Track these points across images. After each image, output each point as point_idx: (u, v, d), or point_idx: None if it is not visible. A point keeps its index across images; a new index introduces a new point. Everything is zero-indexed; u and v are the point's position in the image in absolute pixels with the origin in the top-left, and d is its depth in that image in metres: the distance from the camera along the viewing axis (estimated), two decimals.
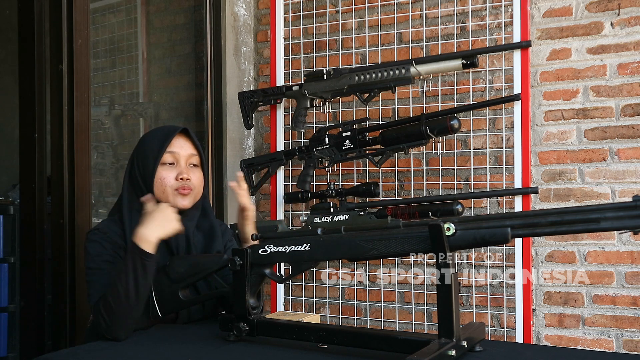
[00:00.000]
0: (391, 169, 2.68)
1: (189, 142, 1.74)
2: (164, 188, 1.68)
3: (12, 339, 2.54)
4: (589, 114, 2.44)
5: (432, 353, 1.16)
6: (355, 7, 2.78)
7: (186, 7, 3.15)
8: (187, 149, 1.73)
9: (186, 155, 1.72)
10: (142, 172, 1.69)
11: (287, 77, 2.85)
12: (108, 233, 1.65)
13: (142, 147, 1.73)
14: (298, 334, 1.42)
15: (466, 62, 2.31)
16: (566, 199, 2.47)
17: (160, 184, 1.68)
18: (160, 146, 1.69)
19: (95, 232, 1.66)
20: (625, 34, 2.38)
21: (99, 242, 1.63)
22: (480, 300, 2.54)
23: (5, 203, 2.65)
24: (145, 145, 1.73)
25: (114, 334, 1.50)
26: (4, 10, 3.33)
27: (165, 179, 1.68)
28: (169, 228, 1.58)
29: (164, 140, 1.70)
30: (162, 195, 1.68)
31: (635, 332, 2.36)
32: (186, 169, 1.71)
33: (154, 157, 1.69)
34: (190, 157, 1.73)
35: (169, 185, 1.68)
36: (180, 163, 1.71)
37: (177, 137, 1.72)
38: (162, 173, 1.68)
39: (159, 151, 1.68)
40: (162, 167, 1.69)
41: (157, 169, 1.68)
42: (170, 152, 1.70)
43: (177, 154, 1.71)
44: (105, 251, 1.62)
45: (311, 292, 2.84)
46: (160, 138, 1.71)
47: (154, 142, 1.71)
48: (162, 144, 1.69)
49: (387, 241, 1.31)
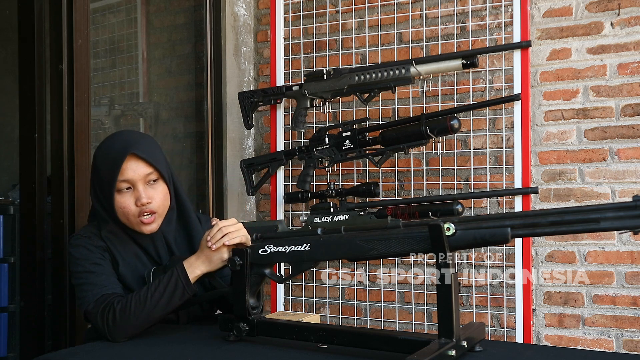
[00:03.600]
0: (391, 169, 2.68)
1: (141, 162, 1.61)
2: (127, 217, 1.62)
3: (12, 339, 2.54)
4: (589, 114, 2.44)
5: (432, 353, 1.16)
6: (355, 7, 2.78)
7: (186, 7, 3.15)
8: (141, 169, 1.61)
9: (141, 176, 1.61)
10: (100, 197, 1.64)
11: (287, 77, 2.85)
12: (91, 237, 1.64)
13: (96, 171, 1.65)
14: (298, 334, 1.42)
15: (466, 62, 2.31)
16: (566, 199, 2.47)
17: (122, 212, 1.62)
18: (111, 176, 1.59)
19: (78, 237, 1.65)
20: (625, 34, 2.38)
21: (83, 246, 1.61)
22: (480, 300, 2.54)
23: (5, 203, 2.64)
24: (98, 169, 1.63)
25: (115, 336, 1.50)
26: (4, 10, 3.32)
27: (126, 208, 1.61)
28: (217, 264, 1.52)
29: (113, 168, 1.59)
30: (127, 221, 1.63)
31: (635, 332, 2.36)
32: (145, 192, 1.61)
33: (108, 186, 1.60)
34: (146, 177, 1.61)
35: (132, 214, 1.61)
36: (138, 187, 1.60)
37: (128, 161, 1.59)
38: (121, 202, 1.61)
39: (111, 181, 1.59)
40: (120, 195, 1.61)
41: (115, 198, 1.60)
42: (123, 180, 1.59)
43: (131, 180, 1.60)
44: (91, 254, 1.61)
45: (311, 292, 2.84)
46: (110, 165, 1.60)
47: (104, 168, 1.61)
48: (113, 172, 1.59)
49: (387, 241, 1.30)
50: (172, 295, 1.50)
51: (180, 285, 1.50)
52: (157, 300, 1.49)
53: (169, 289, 1.50)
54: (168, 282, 1.51)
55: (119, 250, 1.65)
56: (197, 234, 1.72)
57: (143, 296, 1.50)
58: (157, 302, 1.49)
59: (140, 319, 1.49)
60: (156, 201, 1.63)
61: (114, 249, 1.64)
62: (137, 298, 1.50)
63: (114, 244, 1.65)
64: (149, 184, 1.63)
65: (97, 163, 1.65)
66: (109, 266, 1.62)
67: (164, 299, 1.49)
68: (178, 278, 1.50)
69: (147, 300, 1.49)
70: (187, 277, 1.50)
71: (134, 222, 1.63)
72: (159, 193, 1.64)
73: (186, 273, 1.51)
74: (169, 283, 1.50)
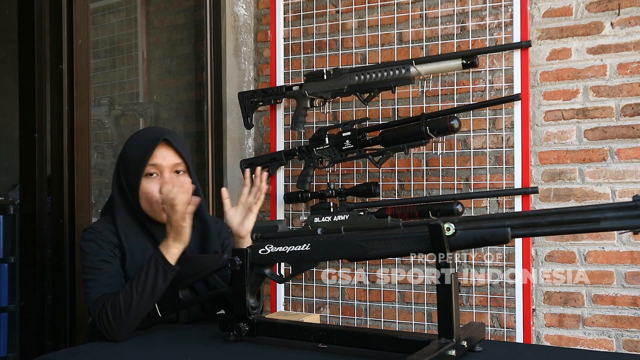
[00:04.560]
0: (391, 169, 2.68)
1: (172, 151, 1.68)
2: (150, 202, 1.65)
3: (12, 339, 2.54)
4: (589, 114, 2.44)
5: (432, 353, 1.16)
6: (355, 7, 2.78)
7: (186, 7, 3.15)
8: (171, 158, 1.67)
9: (169, 165, 1.67)
10: (127, 182, 1.67)
11: (287, 77, 2.85)
12: (103, 232, 1.64)
13: (125, 156, 1.69)
14: (298, 334, 1.42)
15: (466, 62, 2.31)
16: (566, 199, 2.47)
17: (146, 198, 1.65)
18: (141, 159, 1.64)
19: (91, 231, 1.65)
20: (625, 34, 2.38)
21: (94, 241, 1.62)
22: (480, 300, 2.54)
23: (5, 203, 2.65)
24: (128, 155, 1.68)
25: (115, 337, 1.50)
26: (4, 10, 3.33)
27: (150, 193, 1.65)
28: (185, 236, 1.55)
29: (145, 152, 1.65)
30: (149, 208, 1.66)
31: (635, 332, 2.36)
32: (170, 180, 1.66)
33: (137, 169, 1.64)
34: (174, 166, 1.68)
35: (155, 200, 1.65)
36: (164, 174, 1.66)
37: (160, 147, 1.66)
38: (146, 187, 1.65)
39: (141, 164, 1.64)
40: (146, 180, 1.65)
41: (141, 183, 1.64)
42: (152, 165, 1.65)
43: (160, 166, 1.66)
44: (101, 250, 1.61)
45: (311, 292, 2.84)
46: (142, 149, 1.66)
47: (136, 152, 1.66)
48: (144, 156, 1.64)
49: (387, 241, 1.30)
50: (154, 280, 1.50)
51: (160, 268, 1.51)
52: (142, 290, 1.49)
53: (151, 275, 1.50)
54: (148, 269, 1.52)
55: (130, 243, 1.65)
56: (211, 235, 1.75)
57: (129, 290, 1.50)
58: (142, 291, 1.49)
59: (132, 314, 1.49)
60: None
61: (126, 243, 1.64)
62: (124, 293, 1.50)
63: (128, 236, 1.65)
64: (178, 174, 1.68)
65: (127, 150, 1.69)
66: (117, 263, 1.63)
67: (148, 286, 1.50)
68: (156, 262, 1.51)
69: (133, 292, 1.49)
70: (164, 259, 1.52)
71: (156, 210, 1.65)
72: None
73: (162, 254, 1.52)
74: (149, 270, 1.51)
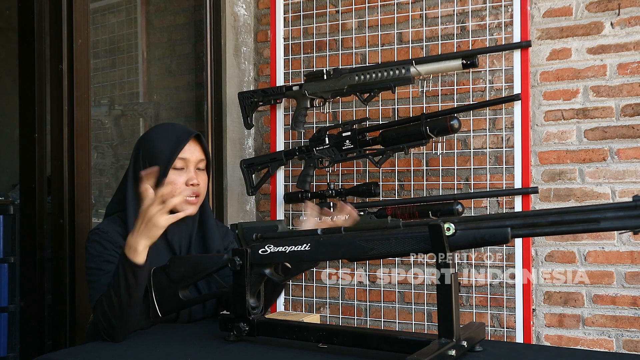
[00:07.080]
0: (391, 169, 2.68)
1: (199, 147, 1.72)
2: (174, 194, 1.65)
3: (12, 339, 2.54)
4: (589, 114, 2.44)
5: (432, 353, 1.16)
6: (355, 7, 2.78)
7: (186, 7, 3.15)
8: (198, 154, 1.71)
9: (196, 160, 1.70)
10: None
11: (287, 77, 2.85)
12: (109, 232, 1.64)
13: (151, 148, 1.69)
14: (298, 334, 1.42)
15: (466, 62, 2.30)
16: (566, 199, 2.47)
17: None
18: (172, 151, 1.66)
19: (96, 232, 1.65)
20: (625, 34, 2.38)
21: (99, 241, 1.62)
22: (480, 300, 2.54)
23: (5, 203, 2.65)
24: (154, 146, 1.69)
25: (112, 336, 1.50)
26: (4, 10, 3.33)
27: (176, 184, 1.66)
28: (156, 233, 1.50)
29: (176, 145, 1.67)
30: None
31: (635, 332, 2.36)
32: (195, 174, 1.70)
33: (165, 160, 1.66)
34: (199, 162, 1.71)
35: (179, 192, 1.64)
36: (190, 168, 1.69)
37: (191, 142, 1.70)
38: (172, 177, 1.66)
39: (171, 156, 1.66)
40: (172, 172, 1.67)
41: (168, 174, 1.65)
42: (181, 158, 1.68)
43: (188, 160, 1.69)
44: (105, 251, 1.61)
45: (311, 292, 2.84)
46: (172, 142, 1.68)
47: (164, 144, 1.68)
48: (174, 149, 1.66)
49: (387, 241, 1.30)
50: (125, 279, 1.48)
51: (128, 267, 1.48)
52: (118, 291, 1.48)
53: (121, 275, 1.48)
54: (117, 270, 1.50)
55: None
56: (213, 235, 1.76)
57: (108, 294, 1.50)
58: (118, 293, 1.48)
59: (119, 317, 1.48)
60: (202, 186, 1.72)
61: None
62: (106, 297, 1.50)
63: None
64: (199, 170, 1.72)
65: (152, 142, 1.70)
66: None
67: (122, 287, 1.48)
68: (121, 262, 1.49)
69: (112, 295, 1.49)
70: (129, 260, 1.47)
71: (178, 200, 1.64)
72: (204, 180, 1.74)
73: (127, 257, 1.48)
74: (118, 270, 1.50)
